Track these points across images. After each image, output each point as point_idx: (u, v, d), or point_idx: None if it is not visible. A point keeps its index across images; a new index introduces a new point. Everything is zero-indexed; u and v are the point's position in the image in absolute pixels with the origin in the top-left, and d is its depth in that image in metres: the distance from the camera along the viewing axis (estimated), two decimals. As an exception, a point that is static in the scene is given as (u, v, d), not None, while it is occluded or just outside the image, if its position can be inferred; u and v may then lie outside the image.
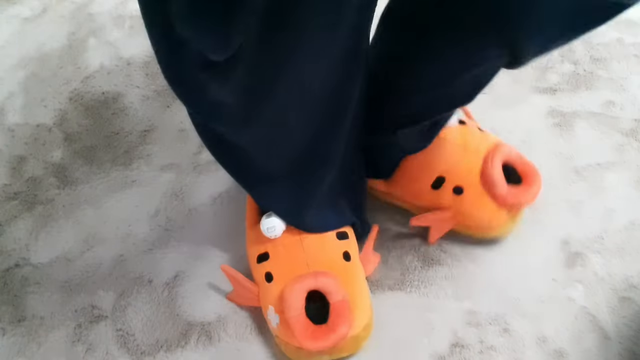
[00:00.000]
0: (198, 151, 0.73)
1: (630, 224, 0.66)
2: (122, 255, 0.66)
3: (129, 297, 0.62)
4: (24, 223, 0.69)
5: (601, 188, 0.69)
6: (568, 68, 0.80)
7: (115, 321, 0.61)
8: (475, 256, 0.64)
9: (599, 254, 0.64)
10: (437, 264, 0.63)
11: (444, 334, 0.59)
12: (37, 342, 0.60)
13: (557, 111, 0.76)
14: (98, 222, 0.68)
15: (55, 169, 0.72)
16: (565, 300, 0.61)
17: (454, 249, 0.64)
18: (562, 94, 0.78)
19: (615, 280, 0.62)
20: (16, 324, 0.61)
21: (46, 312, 0.62)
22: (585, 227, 0.66)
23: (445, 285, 0.62)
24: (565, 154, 0.72)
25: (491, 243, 0.65)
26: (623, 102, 0.76)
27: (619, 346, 0.58)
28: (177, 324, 0.60)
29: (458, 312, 0.61)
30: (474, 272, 0.63)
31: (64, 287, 0.64)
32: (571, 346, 0.58)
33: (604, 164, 0.71)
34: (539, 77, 0.80)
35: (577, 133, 0.74)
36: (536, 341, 0.59)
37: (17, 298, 0.63)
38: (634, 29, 0.84)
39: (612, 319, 0.60)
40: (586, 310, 0.61)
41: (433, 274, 0.63)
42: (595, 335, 0.59)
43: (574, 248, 0.65)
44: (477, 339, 0.59)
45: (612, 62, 0.80)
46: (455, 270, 0.63)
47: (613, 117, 0.75)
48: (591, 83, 0.79)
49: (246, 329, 0.60)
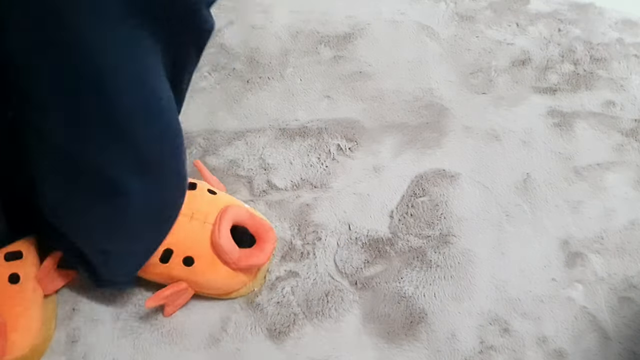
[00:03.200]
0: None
1: (630, 224, 0.66)
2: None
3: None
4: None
5: (601, 188, 0.69)
6: (568, 68, 0.80)
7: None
8: (475, 256, 0.64)
9: (599, 254, 0.64)
10: (437, 264, 0.63)
11: (444, 335, 0.59)
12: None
13: (557, 111, 0.76)
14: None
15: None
16: (565, 300, 0.61)
17: (454, 249, 0.64)
18: (562, 94, 0.78)
19: (615, 280, 0.62)
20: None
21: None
22: (585, 227, 0.66)
23: (445, 285, 0.62)
24: (565, 154, 0.72)
25: (491, 243, 0.65)
26: (623, 102, 0.77)
27: (619, 346, 0.58)
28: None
29: (458, 312, 0.61)
30: (474, 272, 0.63)
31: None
32: (571, 346, 0.58)
33: (604, 164, 0.71)
34: (539, 77, 0.80)
35: (577, 133, 0.74)
36: (536, 341, 0.59)
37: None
38: (634, 29, 0.84)
39: (612, 319, 0.60)
40: (586, 310, 0.61)
41: (433, 274, 0.63)
42: (595, 335, 0.59)
43: (574, 248, 0.65)
44: (477, 339, 0.59)
45: (612, 62, 0.81)
46: (455, 270, 0.63)
47: (613, 117, 0.75)
48: (591, 83, 0.79)
49: (246, 328, 0.60)
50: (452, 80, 0.79)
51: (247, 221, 0.59)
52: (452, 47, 0.83)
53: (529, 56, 0.81)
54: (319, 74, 0.79)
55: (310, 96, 0.77)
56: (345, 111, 0.76)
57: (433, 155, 0.72)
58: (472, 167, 0.71)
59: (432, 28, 0.84)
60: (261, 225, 0.59)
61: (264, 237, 0.59)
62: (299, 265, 0.63)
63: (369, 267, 0.63)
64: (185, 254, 0.57)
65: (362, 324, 0.60)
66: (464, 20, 0.85)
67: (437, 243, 0.65)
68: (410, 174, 0.70)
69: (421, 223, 0.66)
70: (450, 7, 0.87)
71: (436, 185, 0.69)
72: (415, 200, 0.68)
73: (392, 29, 0.84)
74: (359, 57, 0.81)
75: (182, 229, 0.57)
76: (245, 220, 0.59)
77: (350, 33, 0.83)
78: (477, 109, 0.76)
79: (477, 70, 0.80)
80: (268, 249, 0.58)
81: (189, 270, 0.57)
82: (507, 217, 0.67)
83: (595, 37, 0.83)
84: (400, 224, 0.66)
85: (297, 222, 0.66)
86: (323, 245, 0.65)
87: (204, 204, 0.59)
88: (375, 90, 0.78)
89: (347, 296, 0.62)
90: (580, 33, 0.84)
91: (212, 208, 0.59)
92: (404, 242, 0.65)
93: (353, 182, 0.70)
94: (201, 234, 0.57)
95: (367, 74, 0.79)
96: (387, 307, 0.61)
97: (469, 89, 0.78)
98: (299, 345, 0.59)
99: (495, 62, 0.81)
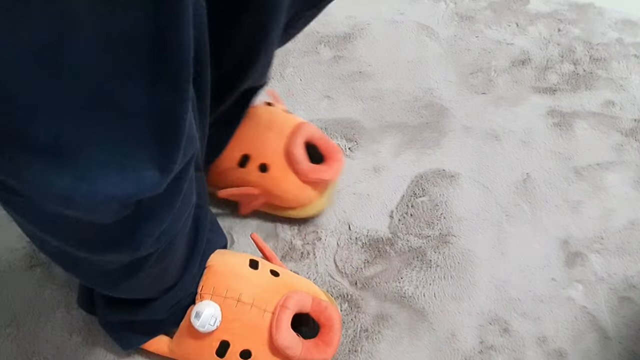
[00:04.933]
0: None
1: (630, 224, 0.66)
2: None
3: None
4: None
5: (601, 188, 0.69)
6: (568, 68, 0.80)
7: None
8: (475, 256, 0.64)
9: (598, 254, 0.64)
10: (437, 264, 0.63)
11: (444, 335, 0.59)
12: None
13: (557, 111, 0.76)
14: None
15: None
16: (565, 300, 0.61)
17: (454, 249, 0.64)
18: (562, 94, 0.78)
19: (615, 280, 0.62)
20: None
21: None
22: (585, 227, 0.66)
23: (445, 285, 0.62)
24: (565, 154, 0.72)
25: (491, 243, 0.65)
26: (623, 102, 0.77)
27: (618, 346, 0.58)
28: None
29: (458, 312, 0.61)
30: (474, 272, 0.63)
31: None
32: (571, 346, 0.58)
33: (604, 164, 0.71)
34: (538, 77, 0.80)
35: (577, 133, 0.74)
36: (536, 341, 0.59)
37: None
38: (634, 29, 0.84)
39: (612, 319, 0.60)
40: (586, 310, 0.61)
41: (433, 274, 0.63)
42: (595, 335, 0.59)
43: (574, 248, 0.65)
44: (477, 339, 0.59)
45: (612, 62, 0.81)
46: (455, 270, 0.63)
47: (613, 117, 0.75)
48: (591, 83, 0.79)
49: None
50: (452, 80, 0.79)
51: (319, 140, 0.62)
52: (452, 47, 0.83)
53: (528, 56, 0.81)
54: (318, 74, 0.79)
55: (310, 96, 0.77)
56: (345, 111, 0.75)
57: (433, 155, 0.72)
58: (472, 167, 0.71)
59: (432, 28, 0.84)
60: (332, 146, 0.62)
61: (334, 156, 0.62)
62: (299, 265, 0.63)
63: (369, 267, 0.63)
64: (261, 160, 0.61)
65: (362, 324, 0.60)
66: (463, 20, 0.85)
67: (437, 243, 0.65)
68: (410, 174, 0.70)
69: (421, 223, 0.66)
70: (450, 7, 0.87)
71: (436, 185, 0.69)
72: (415, 200, 0.68)
73: (392, 29, 0.84)
74: (358, 57, 0.81)
75: (260, 137, 0.61)
76: (317, 139, 0.62)
77: (350, 33, 0.83)
78: (477, 109, 0.76)
79: (476, 70, 0.80)
80: (336, 167, 0.61)
81: (263, 176, 0.61)
82: (506, 217, 0.67)
83: (595, 37, 0.83)
84: (400, 224, 0.66)
85: (297, 222, 0.66)
86: (323, 245, 0.65)
87: (281, 118, 0.62)
88: (375, 90, 0.78)
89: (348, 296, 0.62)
90: (580, 33, 0.84)
91: (288, 123, 0.62)
92: (404, 242, 0.65)
93: (353, 182, 0.70)
94: (277, 143, 0.61)
95: (367, 74, 0.79)
96: (387, 307, 0.61)
97: (468, 89, 0.78)
98: (299, 345, 0.59)
99: (495, 62, 0.81)
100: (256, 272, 0.54)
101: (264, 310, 0.52)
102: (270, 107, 0.64)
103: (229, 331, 0.52)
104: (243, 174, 0.61)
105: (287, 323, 0.51)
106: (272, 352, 0.52)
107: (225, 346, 0.52)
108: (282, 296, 0.53)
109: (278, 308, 0.52)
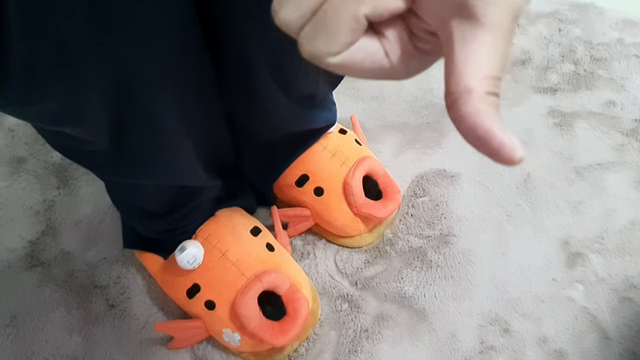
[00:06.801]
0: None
1: (630, 224, 0.66)
2: (124, 253, 0.66)
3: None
4: (24, 223, 0.69)
5: (601, 188, 0.69)
6: (568, 68, 0.80)
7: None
8: (475, 257, 0.64)
9: (599, 254, 0.64)
10: (437, 264, 0.63)
11: (445, 335, 0.59)
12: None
13: (557, 111, 0.76)
14: (97, 222, 0.68)
15: (55, 169, 0.72)
16: (565, 300, 0.61)
17: (454, 249, 0.64)
18: (562, 94, 0.78)
19: (615, 280, 0.62)
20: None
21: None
22: (585, 227, 0.66)
23: (445, 285, 0.62)
24: (565, 154, 0.72)
25: (491, 243, 0.65)
26: (623, 102, 0.76)
27: (619, 346, 0.58)
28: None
29: (458, 312, 0.61)
30: (474, 272, 0.63)
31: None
32: (571, 346, 0.58)
33: (604, 164, 0.71)
34: (539, 77, 0.80)
35: (577, 133, 0.74)
36: (536, 341, 0.59)
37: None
38: (634, 29, 0.84)
39: (612, 319, 0.60)
40: (586, 310, 0.61)
41: (433, 274, 0.63)
42: (595, 335, 0.59)
43: (574, 248, 0.65)
44: (477, 339, 0.59)
45: (613, 62, 0.80)
46: (455, 270, 0.63)
47: (613, 117, 0.75)
48: (591, 83, 0.79)
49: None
50: (452, 80, 0.79)
51: (380, 176, 0.63)
52: (452, 47, 0.82)
53: (529, 56, 0.81)
54: (319, 74, 0.79)
55: (311, 96, 0.77)
56: (345, 111, 0.75)
57: (433, 155, 0.72)
58: (472, 167, 0.71)
59: (433, 28, 0.84)
60: (391, 185, 0.63)
61: (391, 196, 0.62)
62: (299, 265, 0.63)
63: (369, 267, 0.63)
64: (318, 184, 0.62)
65: (362, 324, 0.60)
66: (464, 20, 0.85)
67: (437, 243, 0.65)
68: (411, 174, 0.70)
69: (421, 223, 0.66)
70: (450, 7, 0.87)
71: (436, 185, 0.69)
72: (416, 200, 0.68)
73: (393, 28, 0.84)
74: (359, 57, 0.81)
75: (322, 162, 0.62)
76: (378, 174, 0.63)
77: (350, 33, 0.83)
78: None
79: (477, 70, 0.80)
80: (390, 207, 0.61)
81: (317, 199, 0.62)
82: (507, 217, 0.67)
83: (596, 37, 0.83)
84: (400, 224, 0.66)
85: (297, 222, 0.66)
86: (323, 245, 0.65)
87: (348, 148, 0.64)
88: (375, 90, 0.78)
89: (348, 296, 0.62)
90: (580, 33, 0.84)
91: (354, 154, 0.63)
92: (404, 242, 0.65)
93: (353, 182, 0.69)
94: (337, 172, 0.62)
95: (368, 73, 0.79)
96: (387, 308, 0.61)
97: (469, 89, 0.78)
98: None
99: (495, 62, 0.81)
100: (254, 238, 0.58)
101: (241, 274, 0.55)
102: (341, 136, 0.64)
103: (204, 278, 0.56)
104: (298, 193, 0.63)
105: (254, 293, 0.54)
106: (230, 313, 0.55)
107: (196, 289, 0.56)
108: (263, 269, 0.55)
109: (253, 277, 0.54)
